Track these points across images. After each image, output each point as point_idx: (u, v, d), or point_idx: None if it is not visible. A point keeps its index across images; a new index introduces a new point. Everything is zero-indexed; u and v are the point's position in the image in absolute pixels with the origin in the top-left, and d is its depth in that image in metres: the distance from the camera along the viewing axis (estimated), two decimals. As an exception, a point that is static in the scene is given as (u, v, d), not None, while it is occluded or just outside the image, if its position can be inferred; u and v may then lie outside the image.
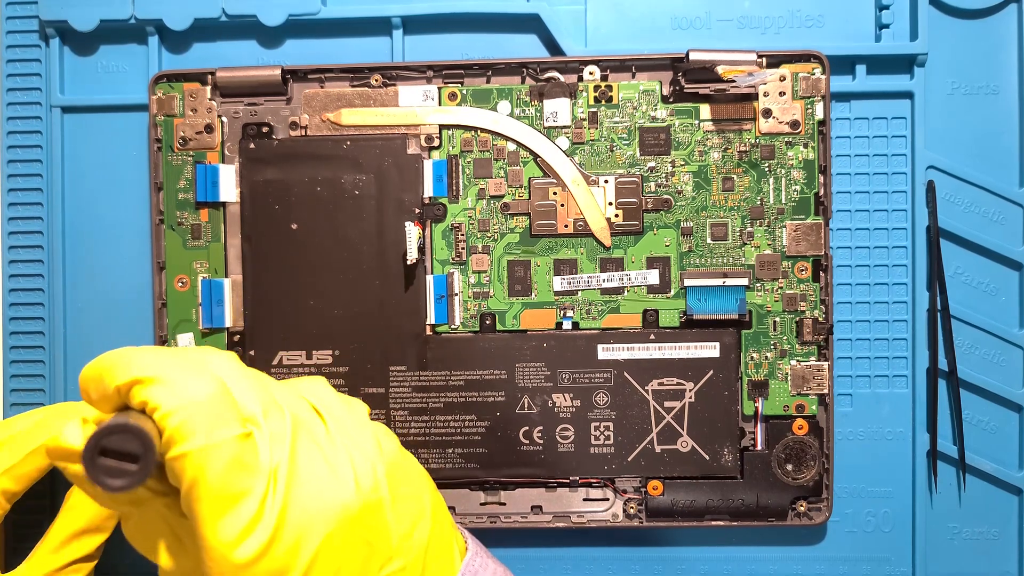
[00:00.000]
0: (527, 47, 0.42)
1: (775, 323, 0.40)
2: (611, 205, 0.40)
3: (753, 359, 0.40)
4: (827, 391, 0.40)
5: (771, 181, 0.40)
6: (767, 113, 0.40)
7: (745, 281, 0.40)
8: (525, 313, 0.40)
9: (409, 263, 0.39)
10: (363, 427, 0.28)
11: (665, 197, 0.40)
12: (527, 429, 0.40)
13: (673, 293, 0.40)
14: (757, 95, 0.40)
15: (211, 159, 0.41)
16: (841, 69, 0.41)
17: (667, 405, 0.40)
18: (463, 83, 0.41)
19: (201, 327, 0.40)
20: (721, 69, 0.38)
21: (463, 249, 0.40)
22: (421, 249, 0.40)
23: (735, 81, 0.38)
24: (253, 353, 0.40)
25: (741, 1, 0.42)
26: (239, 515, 0.24)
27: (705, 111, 0.40)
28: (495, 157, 0.40)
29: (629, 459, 0.40)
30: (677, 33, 0.42)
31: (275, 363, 0.40)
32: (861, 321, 0.41)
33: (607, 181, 0.40)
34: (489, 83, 0.41)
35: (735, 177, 0.40)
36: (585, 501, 0.41)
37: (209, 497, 0.24)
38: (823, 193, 0.40)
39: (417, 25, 0.42)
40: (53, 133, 0.42)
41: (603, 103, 0.40)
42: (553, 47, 0.42)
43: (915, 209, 0.41)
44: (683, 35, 0.42)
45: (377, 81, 0.40)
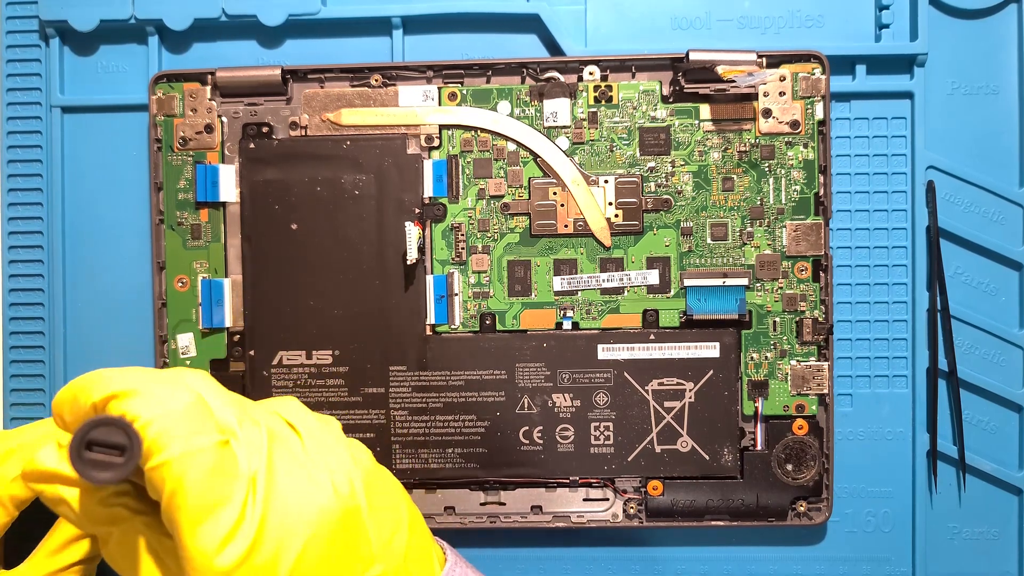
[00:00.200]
0: (527, 47, 0.42)
1: (775, 323, 0.40)
2: (611, 205, 0.40)
3: (753, 359, 0.40)
4: (827, 391, 0.40)
5: (771, 181, 0.40)
6: (767, 113, 0.40)
7: (745, 281, 0.40)
8: (525, 313, 0.40)
9: (409, 263, 0.39)
10: (338, 441, 0.29)
11: (665, 197, 0.40)
12: (527, 429, 0.40)
13: (673, 293, 0.40)
14: (757, 95, 0.40)
15: (211, 159, 0.41)
16: (841, 69, 0.41)
17: (667, 405, 0.40)
18: (463, 83, 0.41)
19: (201, 327, 0.40)
20: (721, 69, 0.38)
21: (463, 249, 0.40)
22: (421, 249, 0.40)
23: (735, 81, 0.38)
24: (253, 353, 0.40)
25: (741, 1, 0.42)
26: (220, 522, 0.24)
27: (705, 111, 0.40)
28: (495, 157, 0.40)
29: (629, 459, 0.40)
30: (677, 33, 0.42)
31: (275, 363, 0.40)
32: (861, 321, 0.41)
33: (607, 181, 0.40)
34: (489, 83, 0.41)
35: (735, 177, 0.40)
36: (585, 501, 0.41)
37: (189, 504, 0.24)
38: (823, 193, 0.40)
39: (417, 25, 0.42)
40: (53, 133, 0.42)
41: (603, 103, 0.40)
42: (553, 47, 0.42)
43: (915, 209, 0.41)
44: (683, 35, 0.42)
45: (377, 81, 0.40)
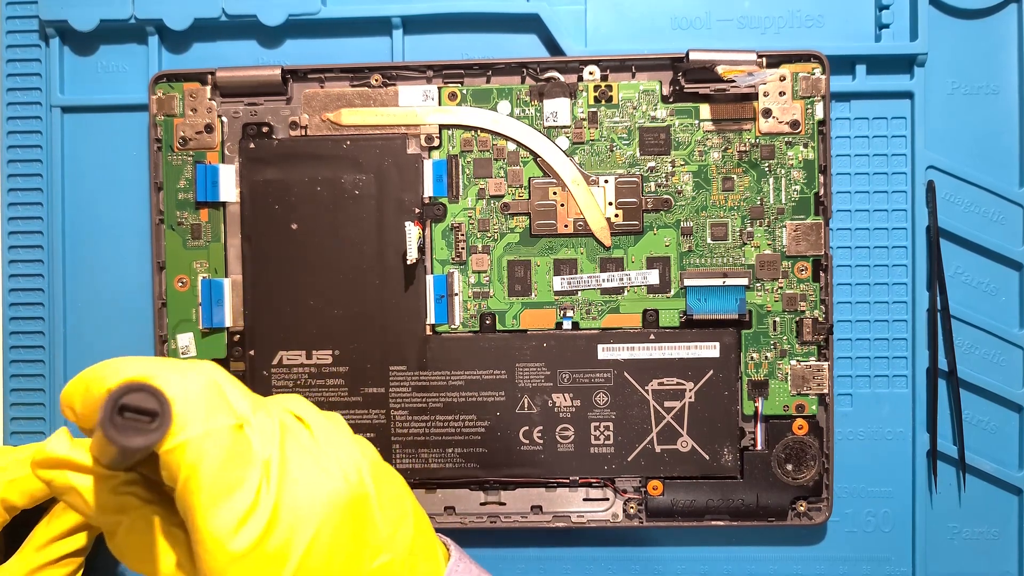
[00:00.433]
0: (527, 47, 0.42)
1: (775, 323, 0.40)
2: (611, 205, 0.40)
3: (753, 359, 0.40)
4: (827, 391, 0.40)
5: (771, 181, 0.40)
6: (767, 113, 0.40)
7: (745, 281, 0.40)
8: (525, 313, 0.40)
9: (409, 263, 0.39)
10: (344, 434, 0.29)
11: (665, 197, 0.40)
12: (527, 429, 0.40)
13: (673, 293, 0.40)
14: (757, 95, 0.40)
15: (211, 159, 0.41)
16: (841, 69, 0.41)
17: (667, 405, 0.40)
18: (463, 83, 0.41)
19: (201, 327, 0.40)
20: (721, 69, 0.38)
21: (463, 249, 0.40)
22: (421, 249, 0.40)
23: (735, 81, 0.38)
24: (253, 353, 0.40)
25: (741, 1, 0.42)
26: (234, 505, 0.24)
27: (705, 111, 0.40)
28: (495, 157, 0.40)
29: (629, 459, 0.40)
30: (677, 33, 0.42)
31: (275, 363, 0.40)
32: (861, 321, 0.41)
33: (607, 181, 0.40)
34: (489, 83, 0.41)
35: (735, 177, 0.40)
36: (585, 501, 0.41)
37: (205, 487, 0.24)
38: (823, 193, 0.40)
39: (417, 25, 0.42)
40: (53, 133, 0.42)
41: (603, 103, 0.40)
42: (553, 47, 0.42)
43: (915, 209, 0.41)
44: (683, 35, 0.42)
45: (377, 81, 0.40)
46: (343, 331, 0.40)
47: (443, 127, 0.40)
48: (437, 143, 0.40)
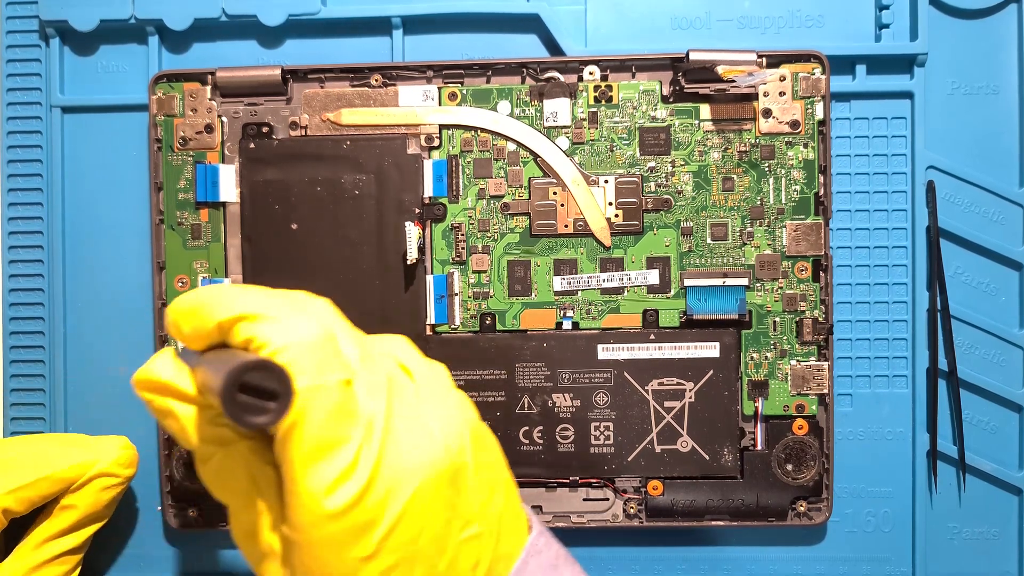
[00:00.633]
0: (527, 47, 0.42)
1: (775, 323, 0.40)
2: (611, 205, 0.40)
3: (753, 359, 0.40)
4: (827, 391, 0.40)
5: (771, 181, 0.40)
6: (767, 113, 0.40)
7: (745, 281, 0.40)
8: (525, 313, 0.40)
9: (409, 263, 0.39)
10: (448, 391, 0.28)
11: (665, 197, 0.40)
12: (527, 429, 0.40)
13: (673, 293, 0.40)
14: (757, 95, 0.40)
15: (211, 159, 0.41)
16: (841, 69, 0.41)
17: (667, 405, 0.40)
18: (463, 83, 0.41)
19: (201, 327, 0.40)
20: (721, 69, 0.38)
21: (463, 249, 0.40)
22: (421, 249, 0.40)
23: (735, 81, 0.38)
24: (253, 353, 0.40)
25: (741, 1, 0.42)
26: (334, 463, 0.23)
27: (705, 111, 0.40)
28: (495, 157, 0.40)
29: (629, 459, 0.40)
30: (677, 33, 0.42)
31: (275, 363, 0.40)
32: (861, 321, 0.41)
33: (607, 181, 0.40)
34: (489, 83, 0.41)
35: (735, 177, 0.40)
36: (585, 501, 0.41)
37: (307, 441, 0.23)
38: (823, 193, 0.40)
39: (417, 25, 0.42)
40: (53, 133, 0.42)
41: (603, 103, 0.40)
42: (553, 47, 0.42)
43: (915, 209, 0.41)
44: (683, 35, 0.42)
45: (377, 81, 0.40)
46: (343, 331, 0.40)
47: (443, 127, 0.40)
48: (437, 143, 0.40)
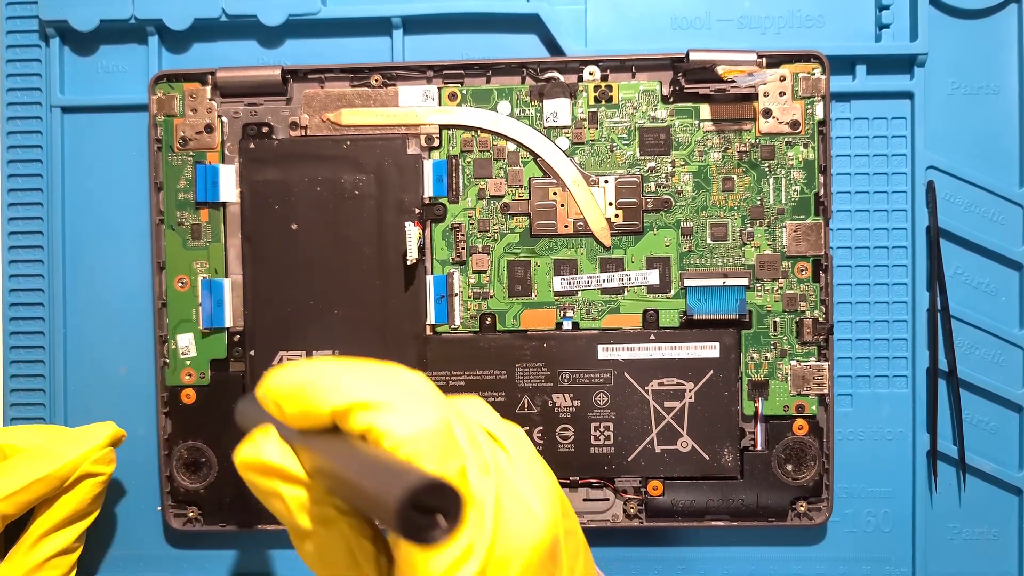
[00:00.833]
0: (527, 47, 0.42)
1: (775, 323, 0.40)
2: (611, 205, 0.40)
3: (753, 359, 0.40)
4: (827, 391, 0.40)
5: (771, 181, 0.40)
6: (767, 113, 0.40)
7: (745, 281, 0.40)
8: (525, 313, 0.40)
9: (409, 263, 0.39)
10: (534, 456, 0.28)
11: (665, 197, 0.40)
12: (527, 429, 0.40)
13: (673, 293, 0.40)
14: (757, 95, 0.40)
15: (211, 159, 0.41)
16: (841, 69, 0.41)
17: (667, 405, 0.40)
18: (463, 83, 0.41)
19: (201, 327, 0.40)
20: (721, 69, 0.38)
21: (463, 249, 0.40)
22: (421, 249, 0.40)
23: (735, 81, 0.38)
24: (253, 353, 0.40)
25: (741, 1, 0.42)
26: (451, 550, 0.23)
27: (705, 111, 0.40)
28: (495, 157, 0.40)
29: (629, 459, 0.40)
30: (677, 33, 0.42)
31: (275, 363, 0.40)
32: (861, 321, 0.41)
33: (607, 181, 0.40)
34: (489, 83, 0.41)
35: (735, 177, 0.40)
36: (585, 501, 0.41)
37: None
38: (823, 193, 0.40)
39: (417, 25, 0.42)
40: (53, 133, 0.42)
41: (603, 103, 0.40)
42: (553, 47, 0.42)
43: (915, 209, 0.41)
44: (683, 35, 0.42)
45: (377, 81, 0.40)
46: (343, 331, 0.40)
47: (443, 127, 0.40)
48: (437, 143, 0.40)
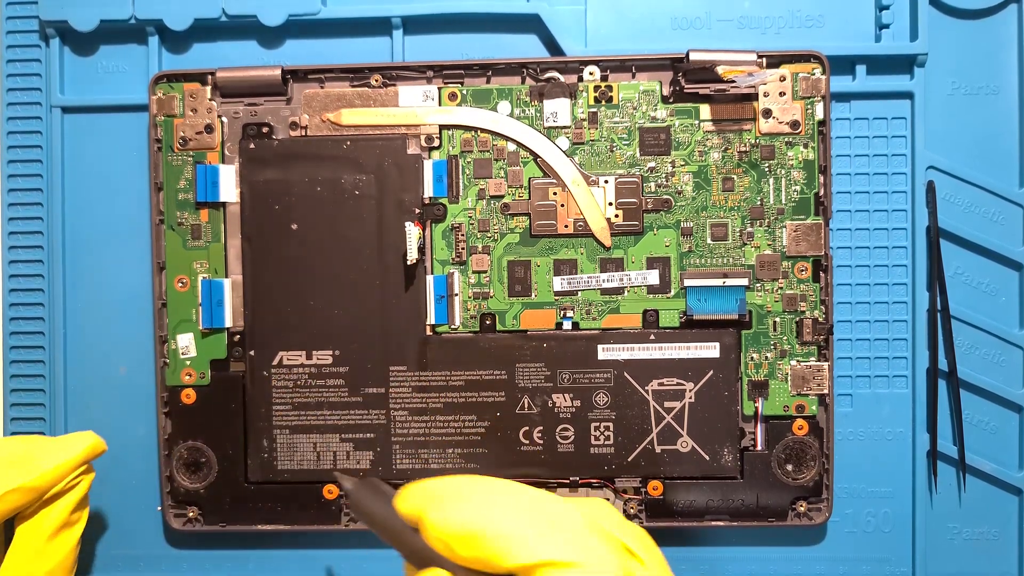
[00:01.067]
0: (527, 47, 0.42)
1: (775, 323, 0.40)
2: (611, 205, 0.40)
3: (753, 359, 0.40)
4: (827, 391, 0.40)
5: (771, 181, 0.40)
6: (767, 113, 0.40)
7: (745, 281, 0.40)
8: (525, 313, 0.40)
9: (409, 263, 0.39)
10: (663, 565, 0.29)
11: (665, 197, 0.40)
12: (527, 429, 0.40)
13: (673, 293, 0.40)
14: (757, 95, 0.40)
15: (211, 159, 0.41)
16: (841, 69, 0.41)
17: (667, 405, 0.40)
18: (463, 83, 0.41)
19: (201, 327, 0.40)
20: (721, 69, 0.38)
21: (463, 249, 0.40)
22: (421, 249, 0.40)
23: (735, 81, 0.38)
24: (253, 353, 0.40)
25: (741, 1, 0.42)
26: None
27: (705, 111, 0.40)
28: (495, 157, 0.40)
29: (629, 459, 0.40)
30: (677, 33, 0.42)
31: (275, 363, 0.40)
32: (861, 321, 0.41)
33: (607, 181, 0.40)
34: (489, 83, 0.41)
35: (735, 177, 0.40)
36: (585, 501, 0.41)
37: None
38: (823, 193, 0.40)
39: (417, 25, 0.42)
40: (53, 133, 0.42)
41: (603, 103, 0.40)
42: (553, 47, 0.42)
43: (915, 209, 0.41)
44: (683, 35, 0.42)
45: (377, 81, 0.40)
46: (343, 331, 0.40)
47: (443, 127, 0.40)
48: (437, 143, 0.40)
